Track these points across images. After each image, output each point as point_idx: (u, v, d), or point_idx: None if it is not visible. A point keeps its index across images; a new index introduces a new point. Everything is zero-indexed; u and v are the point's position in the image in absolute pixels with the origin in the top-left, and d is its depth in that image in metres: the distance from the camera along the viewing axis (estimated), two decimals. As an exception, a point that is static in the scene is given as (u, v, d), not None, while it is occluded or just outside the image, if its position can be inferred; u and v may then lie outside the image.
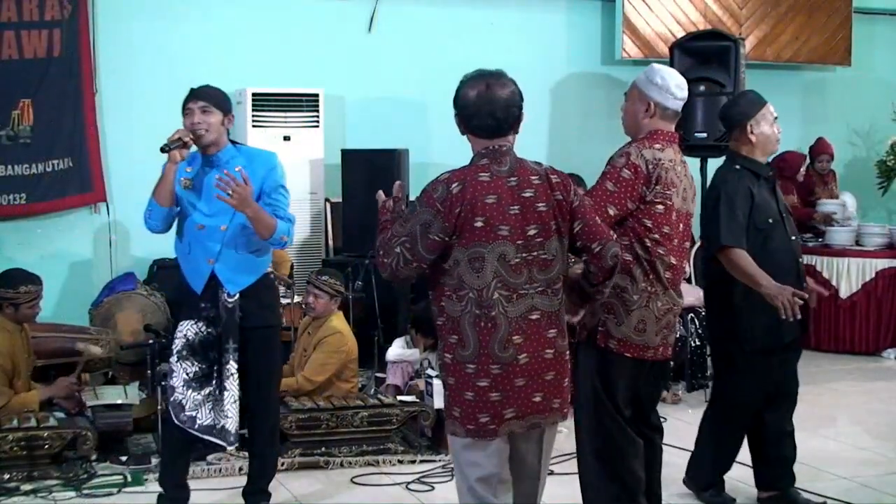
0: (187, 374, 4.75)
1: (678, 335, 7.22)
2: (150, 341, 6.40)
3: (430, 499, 5.37)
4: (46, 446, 5.56)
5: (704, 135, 8.76)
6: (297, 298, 7.18)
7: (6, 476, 5.45)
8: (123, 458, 5.75)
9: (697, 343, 7.36)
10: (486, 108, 3.61)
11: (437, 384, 6.19)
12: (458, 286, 3.58)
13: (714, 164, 9.16)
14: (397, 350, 7.02)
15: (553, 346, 3.66)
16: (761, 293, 4.72)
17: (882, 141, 10.48)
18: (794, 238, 5.06)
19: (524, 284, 3.59)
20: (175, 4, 8.61)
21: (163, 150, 4.67)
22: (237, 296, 4.75)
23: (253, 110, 8.31)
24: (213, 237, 4.73)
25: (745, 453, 5.85)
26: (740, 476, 5.64)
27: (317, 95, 8.56)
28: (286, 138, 8.40)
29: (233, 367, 4.75)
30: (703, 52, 8.91)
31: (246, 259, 4.79)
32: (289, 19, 8.92)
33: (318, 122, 8.55)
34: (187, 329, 4.77)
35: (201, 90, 4.81)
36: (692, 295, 7.44)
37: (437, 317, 3.69)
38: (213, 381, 4.75)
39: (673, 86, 4.34)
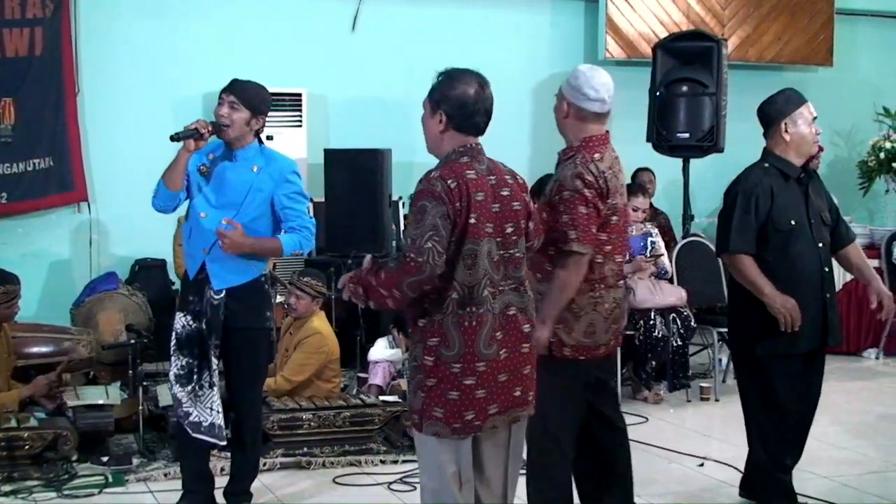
0: (177, 368, 4.77)
1: (660, 335, 7.26)
2: (132, 341, 6.38)
3: (413, 499, 5.35)
4: (27, 447, 5.53)
5: (687, 135, 8.79)
6: (279, 299, 7.17)
7: (-14, 476, 5.43)
8: (104, 459, 5.72)
9: (679, 343, 7.36)
10: (483, 106, 3.65)
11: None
12: (442, 287, 3.55)
13: (696, 164, 9.28)
14: (380, 350, 7.02)
15: (528, 340, 3.73)
16: (764, 302, 4.69)
17: (864, 141, 10.55)
18: (821, 245, 4.89)
19: (502, 281, 3.64)
20: (158, 4, 8.60)
21: (172, 138, 4.67)
22: (223, 293, 4.74)
23: (236, 110, 8.30)
24: (212, 228, 4.71)
25: (734, 454, 5.87)
26: (726, 478, 5.67)
27: (300, 95, 8.57)
28: (269, 138, 8.36)
29: (214, 362, 4.75)
30: (686, 53, 8.95)
31: (238, 260, 4.76)
32: (272, 18, 8.91)
33: (301, 121, 8.55)
34: (177, 322, 4.79)
35: (238, 84, 4.77)
36: (673, 294, 7.46)
37: (416, 319, 3.64)
38: (195, 377, 4.75)
39: (586, 87, 4.31)
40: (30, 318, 7.48)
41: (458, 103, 3.62)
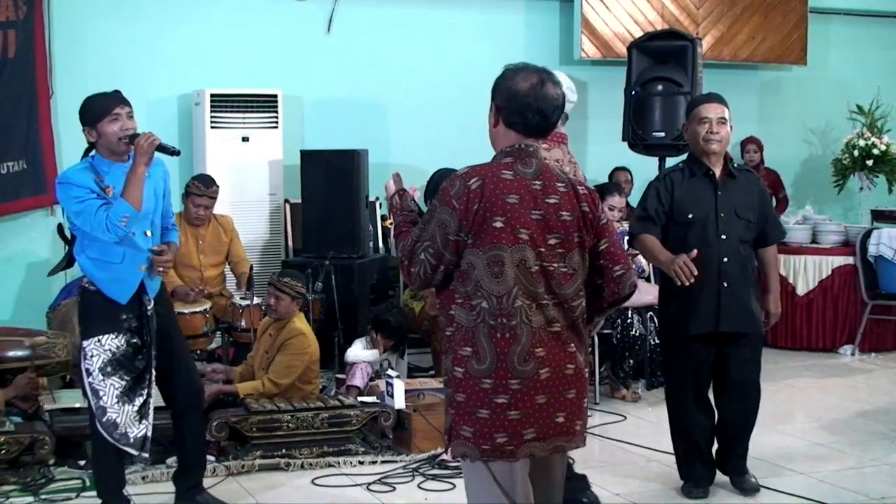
0: (117, 389, 4.63)
1: (638, 334, 7.28)
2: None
3: (391, 499, 5.36)
4: (3, 451, 5.48)
5: (662, 134, 8.81)
6: (256, 300, 7.15)
7: (-38, 482, 5.39)
8: (81, 463, 5.68)
9: (657, 341, 7.38)
10: (537, 104, 3.37)
11: (398, 385, 6.18)
12: (471, 293, 3.30)
13: (672, 162, 9.28)
14: (357, 351, 7.00)
15: (574, 361, 3.38)
16: (661, 268, 5.11)
17: (837, 139, 10.61)
18: (724, 237, 5.14)
19: (544, 295, 3.32)
20: (132, 5, 8.56)
21: (171, 151, 4.65)
22: (152, 302, 4.72)
23: (211, 111, 8.29)
24: (144, 243, 4.68)
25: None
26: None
27: (275, 96, 8.54)
28: (245, 139, 8.38)
29: (153, 373, 4.70)
30: (661, 52, 8.97)
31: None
32: (247, 20, 8.89)
33: (276, 122, 8.53)
34: (109, 344, 4.62)
35: (124, 96, 4.75)
36: (650, 293, 7.47)
37: (445, 326, 3.41)
38: (145, 388, 4.68)
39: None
40: (5, 321, 7.44)
41: (508, 95, 3.40)
